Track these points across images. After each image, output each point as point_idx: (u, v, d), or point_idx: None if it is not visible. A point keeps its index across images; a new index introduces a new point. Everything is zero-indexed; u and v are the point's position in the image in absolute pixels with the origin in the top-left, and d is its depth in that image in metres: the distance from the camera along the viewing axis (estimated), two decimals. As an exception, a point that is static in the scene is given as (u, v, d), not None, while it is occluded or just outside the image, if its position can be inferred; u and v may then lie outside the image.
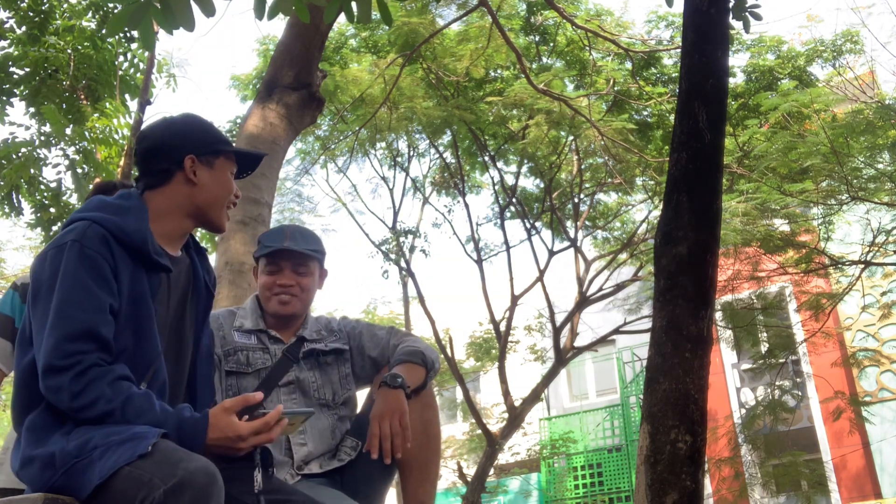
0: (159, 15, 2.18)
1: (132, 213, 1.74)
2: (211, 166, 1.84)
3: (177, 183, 1.81)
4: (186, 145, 1.82)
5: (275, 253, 2.28)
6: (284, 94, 4.98)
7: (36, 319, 1.64)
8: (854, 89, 8.04)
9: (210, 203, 1.83)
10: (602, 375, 17.46)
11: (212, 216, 1.85)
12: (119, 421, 1.56)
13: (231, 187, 1.88)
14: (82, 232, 1.66)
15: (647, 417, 2.59)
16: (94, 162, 7.26)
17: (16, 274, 16.93)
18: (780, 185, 7.11)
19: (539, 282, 12.11)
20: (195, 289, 1.86)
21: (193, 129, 1.87)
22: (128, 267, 1.69)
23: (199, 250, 1.91)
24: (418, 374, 2.16)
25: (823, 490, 11.08)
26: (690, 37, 2.84)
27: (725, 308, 8.48)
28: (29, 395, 1.65)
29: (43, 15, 7.46)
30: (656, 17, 10.75)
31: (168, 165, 1.81)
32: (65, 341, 1.57)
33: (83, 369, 1.57)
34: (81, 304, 1.60)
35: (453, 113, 10.09)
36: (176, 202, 1.81)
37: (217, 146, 1.86)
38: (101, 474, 1.48)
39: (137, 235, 1.70)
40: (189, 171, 1.81)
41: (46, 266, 1.65)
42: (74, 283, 1.61)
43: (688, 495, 2.44)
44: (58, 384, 1.56)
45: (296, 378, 2.24)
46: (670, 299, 2.64)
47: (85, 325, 1.59)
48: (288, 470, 2.13)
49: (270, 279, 2.28)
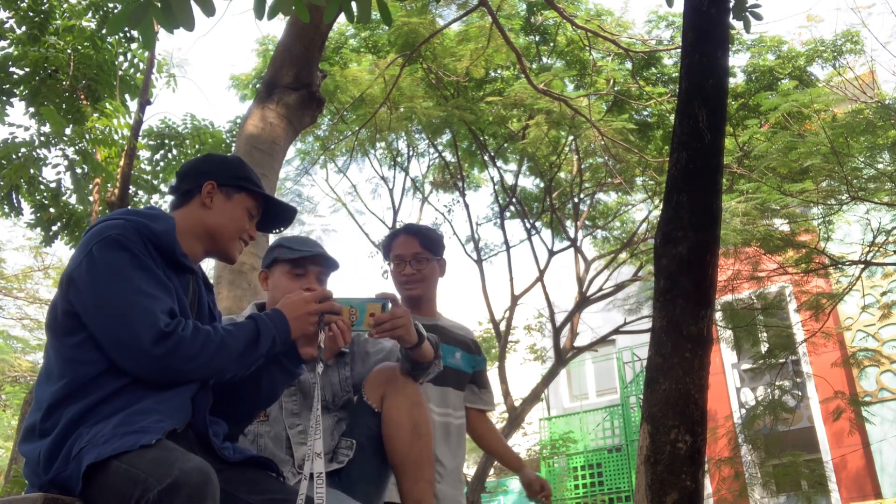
0: (159, 14, 2.18)
1: (160, 219, 1.82)
2: (228, 197, 1.93)
3: (193, 205, 1.91)
4: (211, 172, 1.94)
5: (306, 258, 2.32)
6: (284, 94, 4.98)
7: (104, 310, 1.66)
8: (854, 89, 8.04)
9: (218, 229, 1.90)
10: (602, 375, 17.46)
11: (221, 243, 1.92)
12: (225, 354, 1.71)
13: (243, 224, 1.94)
14: (122, 227, 1.73)
15: (647, 417, 2.59)
16: (93, 162, 7.26)
17: (16, 274, 16.91)
18: (780, 185, 7.10)
19: (539, 282, 12.11)
20: (199, 309, 1.91)
21: (226, 162, 2.00)
22: (160, 265, 1.77)
23: (207, 286, 1.98)
24: (429, 352, 2.16)
25: (823, 490, 11.08)
26: (690, 37, 2.84)
27: (725, 308, 8.47)
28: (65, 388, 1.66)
29: (43, 15, 7.46)
30: (656, 17, 10.75)
31: (191, 187, 1.92)
32: (153, 315, 1.65)
33: (188, 332, 1.67)
34: (152, 284, 1.70)
35: (453, 113, 10.09)
36: (189, 223, 1.89)
37: (241, 182, 1.95)
38: (99, 456, 1.50)
39: (165, 237, 1.78)
40: (205, 195, 1.90)
41: (96, 258, 1.69)
42: (136, 268, 1.70)
43: (688, 495, 2.44)
44: (173, 346, 1.64)
45: (297, 380, 2.23)
46: (670, 299, 2.64)
47: (162, 303, 1.69)
48: (290, 468, 2.14)
49: (296, 283, 2.28)
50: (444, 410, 2.67)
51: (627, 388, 15.20)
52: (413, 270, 2.77)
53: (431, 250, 2.80)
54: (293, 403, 2.23)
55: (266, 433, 2.19)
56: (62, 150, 7.30)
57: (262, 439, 2.18)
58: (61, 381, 1.67)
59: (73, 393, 1.65)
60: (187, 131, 8.53)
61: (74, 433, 1.61)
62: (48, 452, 1.63)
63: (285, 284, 2.30)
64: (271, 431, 2.19)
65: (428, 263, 2.79)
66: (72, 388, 1.65)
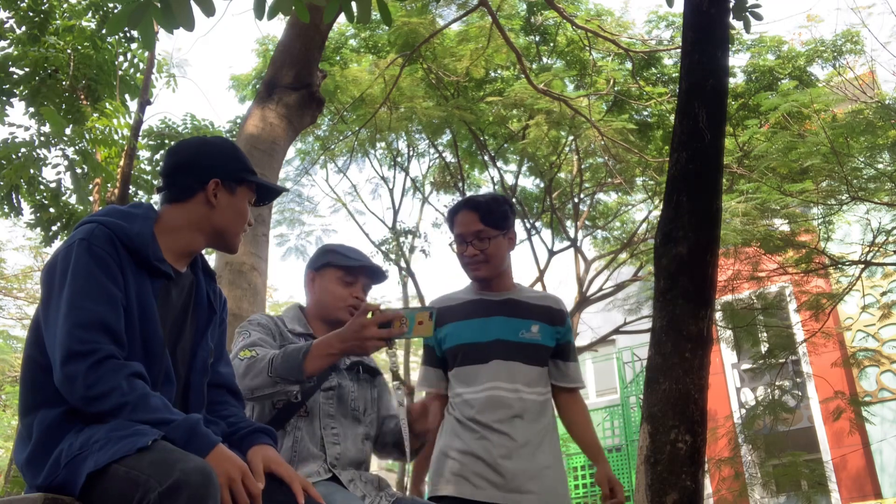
0: (159, 14, 2.18)
1: (138, 219, 1.79)
2: (233, 192, 1.91)
3: (196, 202, 1.87)
4: (215, 168, 1.89)
5: (358, 268, 2.41)
6: (284, 94, 4.97)
7: (49, 314, 1.66)
8: (854, 89, 8.04)
9: (225, 226, 1.90)
10: (602, 375, 17.46)
11: (227, 239, 1.91)
12: (129, 416, 1.57)
13: (247, 215, 1.94)
14: (90, 232, 1.71)
15: (647, 417, 2.59)
16: (93, 162, 7.26)
17: (16, 274, 16.92)
18: (780, 185, 7.10)
19: (539, 281, 12.11)
20: (196, 304, 1.89)
21: (225, 153, 1.94)
22: (132, 269, 1.73)
23: (207, 272, 1.96)
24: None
25: (823, 490, 11.06)
26: (690, 37, 2.84)
27: (725, 308, 8.46)
28: (34, 391, 1.67)
29: (43, 15, 7.45)
30: (656, 17, 10.75)
31: (192, 183, 1.87)
32: (80, 329, 1.60)
33: (100, 358, 1.59)
34: (93, 295, 1.64)
35: (453, 113, 10.10)
36: (192, 220, 1.86)
37: (242, 174, 1.93)
38: (98, 463, 1.49)
39: (139, 239, 1.75)
40: (211, 193, 1.87)
41: (58, 263, 1.70)
42: (86, 277, 1.65)
43: (688, 495, 2.44)
44: (74, 372, 1.57)
45: (338, 384, 2.33)
46: (670, 299, 2.64)
47: (98, 316, 1.62)
48: (320, 464, 2.19)
49: (347, 290, 2.39)
50: (512, 386, 2.47)
51: (627, 388, 15.19)
52: (476, 251, 2.54)
53: (495, 225, 2.54)
54: (330, 406, 2.29)
55: (304, 427, 2.25)
56: (62, 150, 7.30)
57: (300, 433, 2.23)
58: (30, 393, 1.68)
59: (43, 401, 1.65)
60: (187, 131, 8.53)
61: (59, 438, 1.61)
62: (30, 457, 1.63)
63: (334, 289, 2.40)
64: (309, 428, 2.25)
65: (492, 241, 2.54)
66: (43, 396, 1.65)
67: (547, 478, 2.41)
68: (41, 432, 1.63)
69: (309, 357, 2.04)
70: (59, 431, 1.62)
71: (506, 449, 2.38)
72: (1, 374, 17.92)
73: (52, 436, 1.62)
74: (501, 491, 2.34)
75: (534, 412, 2.48)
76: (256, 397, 2.13)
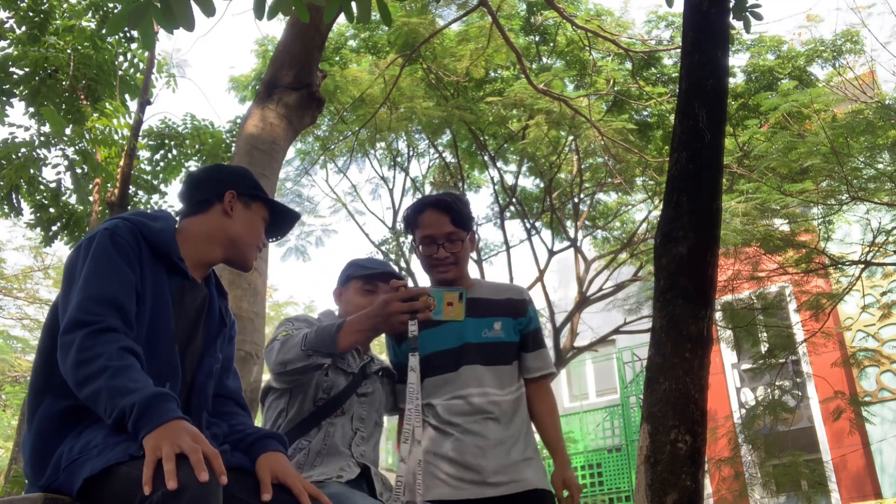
0: (159, 15, 2.18)
1: (160, 220, 1.87)
2: (248, 206, 1.99)
3: (214, 213, 1.95)
4: (230, 182, 1.99)
5: (375, 276, 2.53)
6: (284, 94, 4.97)
7: (66, 298, 1.70)
8: (854, 89, 8.04)
9: (240, 237, 1.96)
10: (602, 375, 17.44)
11: (242, 251, 1.98)
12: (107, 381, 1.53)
13: (260, 234, 2.02)
14: (114, 224, 1.79)
15: (647, 417, 2.59)
16: (93, 162, 7.26)
17: (16, 274, 16.92)
18: (780, 185, 7.10)
19: (539, 282, 12.11)
20: (209, 315, 1.94)
21: (240, 173, 2.06)
22: (151, 263, 1.79)
23: (220, 291, 2.02)
24: None
25: (823, 490, 11.06)
26: (690, 37, 2.84)
27: (725, 308, 8.46)
28: (44, 376, 1.71)
29: (43, 15, 7.46)
30: (656, 17, 10.75)
31: (209, 196, 1.96)
32: (89, 301, 1.64)
33: (101, 328, 1.61)
34: (108, 275, 1.70)
35: (453, 113, 10.09)
36: (209, 230, 1.94)
37: (257, 192, 2.02)
38: (93, 469, 1.50)
39: (161, 235, 1.82)
40: (227, 203, 1.95)
41: (80, 252, 1.76)
42: (104, 259, 1.71)
43: (688, 495, 2.44)
44: (74, 338, 1.60)
45: (372, 391, 2.46)
46: (670, 299, 2.64)
47: (109, 292, 1.67)
48: (347, 461, 2.28)
49: (367, 300, 2.46)
50: (481, 390, 2.42)
51: (627, 388, 15.19)
52: (447, 254, 2.47)
53: (464, 227, 2.49)
54: (363, 409, 2.40)
55: (338, 424, 2.34)
56: (62, 150, 7.30)
57: (333, 428, 2.33)
58: (42, 376, 1.71)
59: (51, 387, 1.68)
60: (187, 131, 8.53)
61: (60, 438, 1.61)
62: (32, 453, 1.64)
63: (357, 300, 2.51)
64: (342, 426, 2.35)
65: (462, 244, 2.49)
66: (52, 382, 1.68)
67: (526, 468, 2.40)
68: (42, 425, 1.65)
69: (342, 332, 2.17)
70: (59, 431, 1.63)
71: (479, 448, 2.37)
72: (1, 375, 17.92)
73: (51, 434, 1.63)
74: (480, 487, 2.33)
75: (508, 413, 2.45)
76: (289, 371, 2.22)
